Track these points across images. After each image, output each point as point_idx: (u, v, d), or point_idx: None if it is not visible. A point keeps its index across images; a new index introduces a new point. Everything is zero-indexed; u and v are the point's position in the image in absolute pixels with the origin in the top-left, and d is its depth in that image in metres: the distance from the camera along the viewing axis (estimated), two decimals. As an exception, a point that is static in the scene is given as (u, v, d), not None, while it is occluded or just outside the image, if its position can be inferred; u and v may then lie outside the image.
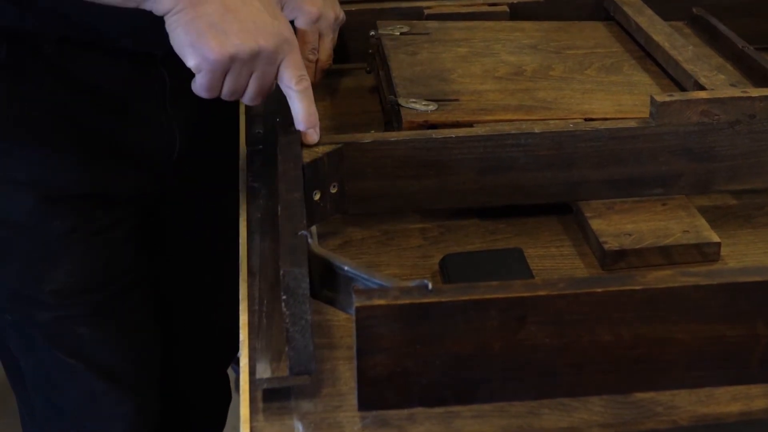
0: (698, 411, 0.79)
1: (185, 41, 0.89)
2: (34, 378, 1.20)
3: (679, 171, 1.05)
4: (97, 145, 1.08)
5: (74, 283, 1.12)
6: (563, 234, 1.05)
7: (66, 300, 1.12)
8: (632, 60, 1.27)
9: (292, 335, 0.76)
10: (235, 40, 0.90)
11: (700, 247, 0.99)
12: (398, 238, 1.04)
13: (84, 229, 1.11)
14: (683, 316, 0.71)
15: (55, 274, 1.12)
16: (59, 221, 1.10)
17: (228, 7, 0.90)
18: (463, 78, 1.21)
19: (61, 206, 1.09)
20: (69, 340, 1.14)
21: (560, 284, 0.70)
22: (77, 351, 1.15)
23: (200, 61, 0.90)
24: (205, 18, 0.89)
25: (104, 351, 1.16)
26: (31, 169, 1.07)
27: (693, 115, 1.02)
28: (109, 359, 1.17)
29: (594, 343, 0.71)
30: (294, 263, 0.76)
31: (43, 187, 1.08)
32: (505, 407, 0.79)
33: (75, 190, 1.09)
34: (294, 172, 0.91)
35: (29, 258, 1.11)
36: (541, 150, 1.02)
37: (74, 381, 1.17)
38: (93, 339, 1.15)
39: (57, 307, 1.13)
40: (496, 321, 0.69)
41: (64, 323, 1.13)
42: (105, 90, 1.07)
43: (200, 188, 1.27)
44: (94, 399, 1.18)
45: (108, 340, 1.16)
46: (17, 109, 1.04)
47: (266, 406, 0.79)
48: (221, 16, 0.89)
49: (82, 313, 1.14)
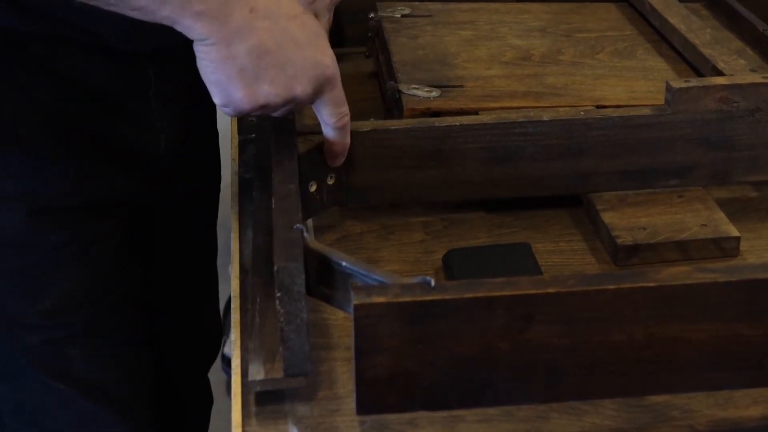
0: (716, 415, 0.79)
1: (213, 79, 0.87)
2: (15, 407, 1.19)
3: (696, 161, 1.05)
4: (85, 148, 1.08)
5: (67, 300, 1.10)
6: (573, 228, 1.05)
7: (56, 320, 1.10)
8: (647, 44, 1.27)
9: (287, 335, 0.76)
10: (268, 88, 0.87)
11: (718, 241, 0.99)
12: (399, 232, 1.04)
13: (78, 241, 1.10)
14: (700, 315, 0.71)
15: (47, 292, 1.10)
16: (51, 235, 1.08)
17: (264, 47, 0.87)
18: (467, 63, 1.21)
19: (52, 219, 1.08)
20: (58, 364, 1.13)
21: (570, 281, 0.70)
22: (67, 375, 1.13)
23: (226, 102, 0.88)
24: (238, 60, 0.86)
25: (95, 371, 1.15)
26: (20, 180, 1.05)
27: (711, 102, 1.02)
28: (101, 380, 1.15)
29: (606, 343, 0.71)
30: (289, 258, 0.76)
31: (33, 198, 1.06)
32: (512, 411, 0.79)
33: (66, 201, 1.08)
34: (289, 162, 0.91)
35: (18, 276, 1.09)
36: (550, 139, 1.02)
37: (63, 406, 1.15)
38: (83, 360, 1.13)
39: (47, 328, 1.11)
40: (503, 320, 0.69)
41: (54, 346, 1.11)
42: (92, 89, 1.06)
43: (187, 189, 1.27)
44: (85, 423, 1.17)
45: (99, 359, 1.15)
46: (5, 114, 1.03)
47: (259, 409, 0.79)
48: (256, 60, 0.86)
49: (74, 334, 1.12)
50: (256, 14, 0.87)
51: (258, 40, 0.86)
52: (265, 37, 0.87)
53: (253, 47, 0.86)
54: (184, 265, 1.36)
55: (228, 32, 0.85)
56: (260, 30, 0.87)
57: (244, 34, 0.86)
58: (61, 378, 1.14)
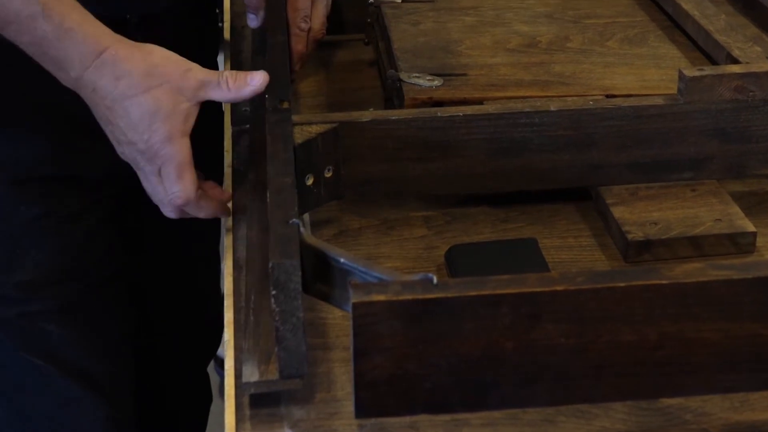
0: (731, 418, 0.79)
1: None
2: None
3: (711, 153, 1.04)
4: (68, 120, 1.09)
5: (43, 274, 1.12)
6: (582, 223, 1.05)
7: (33, 294, 1.12)
8: (658, 30, 1.27)
9: (283, 334, 0.76)
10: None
11: (733, 237, 0.99)
12: (400, 228, 1.04)
13: (55, 214, 1.11)
14: (715, 314, 0.71)
15: (22, 264, 1.12)
16: (27, 206, 1.10)
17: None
18: (471, 50, 1.21)
19: (29, 189, 1.09)
20: (37, 340, 1.14)
21: (579, 278, 0.70)
22: (46, 352, 1.15)
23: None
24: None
25: (76, 352, 1.16)
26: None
27: (726, 91, 1.02)
28: (82, 361, 1.17)
29: (616, 343, 0.71)
30: (285, 255, 0.76)
31: (9, 168, 1.08)
32: (518, 414, 0.79)
33: (45, 171, 1.09)
34: (284, 155, 0.91)
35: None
36: (557, 130, 1.02)
37: (44, 385, 1.16)
38: (63, 338, 1.15)
39: (23, 302, 1.13)
40: (508, 319, 0.69)
41: (30, 320, 1.13)
42: None
43: None
44: (65, 405, 1.18)
45: (80, 339, 1.16)
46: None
47: (254, 413, 0.79)
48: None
49: (50, 309, 1.14)
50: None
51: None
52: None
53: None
54: (178, 250, 1.36)
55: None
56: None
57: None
58: (40, 354, 1.15)
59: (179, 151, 0.95)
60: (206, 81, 0.96)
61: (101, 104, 0.94)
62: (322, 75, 1.33)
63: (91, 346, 1.18)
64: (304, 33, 1.19)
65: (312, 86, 1.01)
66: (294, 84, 1.26)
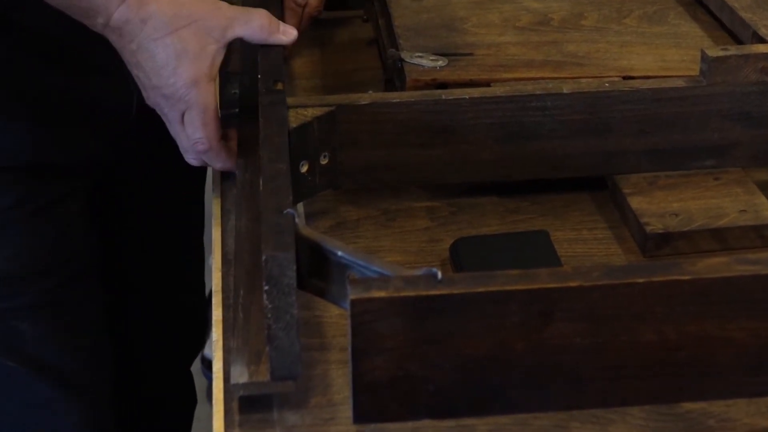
0: (758, 424, 0.79)
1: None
2: None
3: (735, 139, 1.04)
4: (46, 104, 1.09)
5: (15, 268, 1.12)
6: (597, 214, 1.05)
7: (4, 289, 1.12)
8: (679, 7, 1.27)
9: (275, 333, 0.76)
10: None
11: (759, 229, 0.99)
12: (401, 219, 1.04)
13: (29, 204, 1.12)
14: (740, 312, 0.71)
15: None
16: (0, 195, 1.10)
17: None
18: (478, 28, 1.21)
19: (2, 178, 1.09)
20: (8, 339, 1.14)
21: (594, 273, 0.70)
22: (18, 351, 1.15)
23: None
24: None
25: (49, 350, 1.17)
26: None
27: (751, 73, 1.02)
28: (56, 360, 1.17)
29: (634, 343, 0.71)
30: (278, 247, 0.76)
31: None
32: (528, 420, 0.79)
33: (19, 159, 1.09)
34: (278, 139, 0.91)
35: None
36: (571, 114, 1.02)
37: (14, 386, 1.17)
38: (36, 336, 1.15)
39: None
40: (518, 317, 0.69)
41: (2, 318, 1.13)
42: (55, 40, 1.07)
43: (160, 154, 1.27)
44: (38, 407, 1.18)
45: (54, 336, 1.17)
46: None
47: (244, 418, 0.79)
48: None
49: (23, 305, 1.14)
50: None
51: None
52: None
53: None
54: (158, 242, 1.36)
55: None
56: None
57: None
58: (12, 356, 1.15)
59: (204, 97, 0.97)
60: (235, 17, 0.98)
61: (127, 48, 0.96)
62: (318, 55, 1.34)
63: (65, 343, 1.18)
64: (299, 9, 1.19)
65: (307, 67, 1.01)
66: (288, 64, 1.26)
